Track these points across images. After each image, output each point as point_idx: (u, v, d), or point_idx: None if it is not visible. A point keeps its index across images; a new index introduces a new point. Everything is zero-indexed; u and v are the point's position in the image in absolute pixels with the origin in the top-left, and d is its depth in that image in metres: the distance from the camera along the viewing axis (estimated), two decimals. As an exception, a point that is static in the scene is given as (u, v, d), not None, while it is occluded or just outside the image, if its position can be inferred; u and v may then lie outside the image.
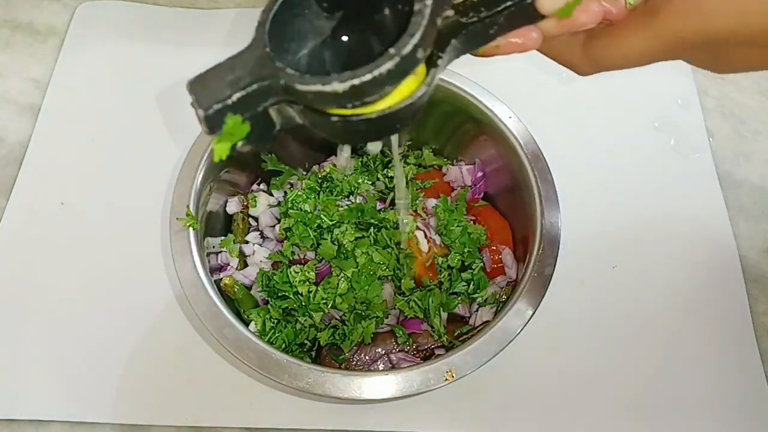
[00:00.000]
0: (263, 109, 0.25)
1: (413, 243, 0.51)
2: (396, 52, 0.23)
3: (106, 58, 0.69)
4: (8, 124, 0.64)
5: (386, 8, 0.26)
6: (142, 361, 0.52)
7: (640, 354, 0.55)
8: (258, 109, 0.25)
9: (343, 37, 0.28)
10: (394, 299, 0.50)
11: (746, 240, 0.61)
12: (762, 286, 0.59)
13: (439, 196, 0.55)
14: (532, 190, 0.49)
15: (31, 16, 0.72)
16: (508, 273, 0.52)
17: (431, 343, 0.49)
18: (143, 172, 0.61)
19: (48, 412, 0.50)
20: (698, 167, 0.65)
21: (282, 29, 0.26)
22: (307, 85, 0.23)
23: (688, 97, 0.70)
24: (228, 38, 0.71)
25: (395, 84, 0.24)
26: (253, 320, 0.48)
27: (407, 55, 0.23)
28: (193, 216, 0.46)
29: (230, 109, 0.24)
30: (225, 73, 0.24)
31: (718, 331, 0.56)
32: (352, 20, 0.27)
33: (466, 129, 0.55)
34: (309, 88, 0.23)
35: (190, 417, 0.50)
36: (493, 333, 0.43)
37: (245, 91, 0.24)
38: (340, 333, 0.48)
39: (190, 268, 0.45)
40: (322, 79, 0.23)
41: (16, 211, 0.59)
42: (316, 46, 0.28)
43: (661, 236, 0.61)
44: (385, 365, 0.48)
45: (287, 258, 0.51)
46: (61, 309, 0.54)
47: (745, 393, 0.54)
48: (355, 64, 0.24)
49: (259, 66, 0.24)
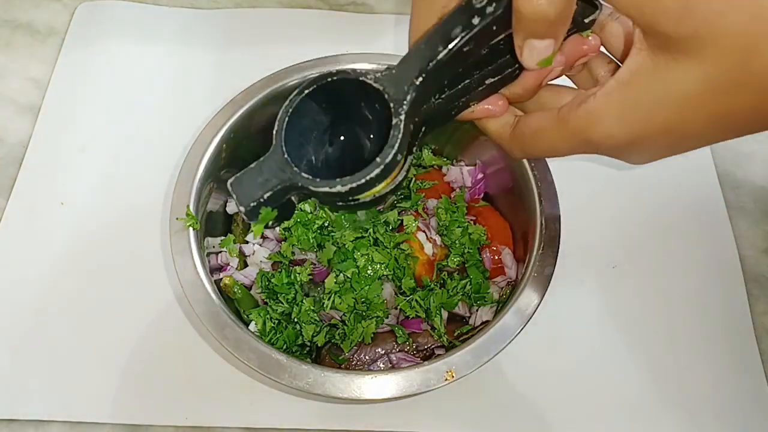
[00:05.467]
0: (287, 200, 0.33)
1: (415, 244, 0.51)
2: (381, 162, 0.30)
3: (106, 58, 0.69)
4: (8, 124, 0.64)
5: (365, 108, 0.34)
6: (142, 361, 0.52)
7: (640, 354, 0.55)
8: (283, 201, 0.33)
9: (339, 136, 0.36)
10: (396, 299, 0.50)
11: (746, 240, 0.61)
12: (762, 286, 0.59)
13: (440, 197, 0.55)
14: (532, 190, 0.49)
15: (31, 16, 0.72)
16: (508, 273, 0.52)
17: (431, 343, 0.49)
18: (143, 172, 0.61)
19: (48, 412, 0.50)
20: (698, 167, 0.65)
21: (292, 128, 0.33)
22: (318, 187, 0.31)
23: (688, 97, 0.69)
24: (228, 38, 0.71)
25: (382, 182, 0.31)
26: (253, 320, 0.48)
27: (389, 162, 0.30)
28: (193, 216, 0.46)
29: (263, 204, 0.32)
30: (256, 175, 0.32)
31: (718, 331, 0.56)
32: (343, 114, 0.35)
33: (466, 129, 0.55)
34: (319, 189, 0.31)
35: (191, 417, 0.50)
36: (493, 333, 0.43)
37: (272, 191, 0.31)
38: (340, 333, 0.48)
39: (190, 268, 0.45)
40: (328, 183, 0.31)
41: (16, 211, 0.59)
42: (318, 134, 0.35)
43: (661, 236, 0.61)
44: (385, 365, 0.48)
45: (287, 258, 0.51)
46: (60, 309, 0.54)
47: (745, 393, 0.54)
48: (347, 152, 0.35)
49: (281, 171, 0.31)
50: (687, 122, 0.28)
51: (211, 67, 0.68)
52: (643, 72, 0.28)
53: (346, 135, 0.36)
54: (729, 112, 0.28)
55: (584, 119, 0.30)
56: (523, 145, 0.35)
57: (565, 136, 0.32)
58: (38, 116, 0.64)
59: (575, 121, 0.31)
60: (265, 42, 0.70)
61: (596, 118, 0.30)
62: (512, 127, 0.36)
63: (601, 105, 0.30)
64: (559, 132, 0.32)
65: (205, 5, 0.73)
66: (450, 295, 0.50)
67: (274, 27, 0.72)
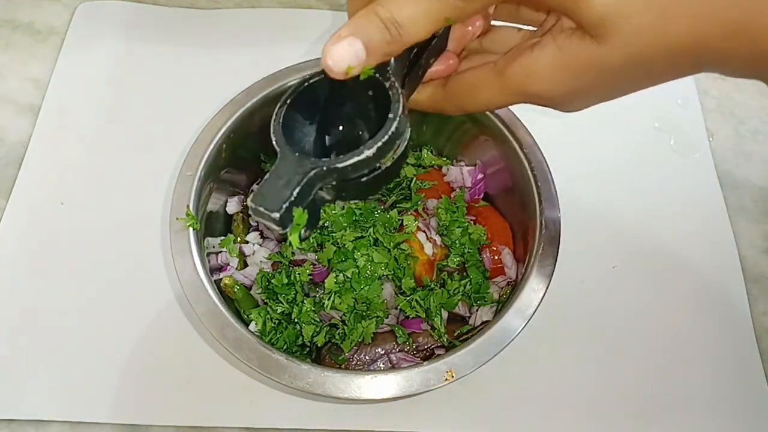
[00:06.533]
0: (312, 197, 0.32)
1: (415, 244, 0.51)
2: (394, 116, 0.31)
3: (106, 58, 0.69)
4: (8, 124, 0.64)
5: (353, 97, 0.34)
6: (142, 361, 0.52)
7: (640, 354, 0.55)
8: (310, 197, 0.32)
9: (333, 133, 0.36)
10: (396, 299, 0.50)
11: (746, 240, 0.61)
12: (762, 286, 0.59)
13: (440, 197, 0.55)
14: (532, 190, 0.49)
15: (31, 16, 0.72)
16: (508, 273, 0.52)
17: (431, 343, 0.49)
18: (143, 172, 0.61)
19: (48, 412, 0.50)
20: (698, 167, 0.65)
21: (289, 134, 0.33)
22: (345, 162, 0.31)
23: (688, 97, 0.70)
24: (228, 38, 0.71)
25: (401, 138, 0.32)
26: (253, 320, 0.48)
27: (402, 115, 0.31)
28: (193, 216, 0.46)
29: (294, 204, 0.31)
30: (276, 181, 0.31)
31: (718, 331, 0.56)
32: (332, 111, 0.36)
33: (465, 129, 0.55)
34: (347, 163, 0.31)
35: (190, 417, 0.50)
36: (493, 333, 0.43)
37: (299, 186, 0.31)
38: (340, 333, 0.48)
39: (190, 268, 0.45)
40: (355, 153, 0.31)
41: (16, 211, 0.59)
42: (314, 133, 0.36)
43: (661, 236, 0.61)
44: (385, 365, 0.48)
45: (287, 259, 0.51)
46: (60, 309, 0.54)
47: (745, 393, 0.54)
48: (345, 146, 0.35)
49: (300, 165, 0.31)
50: (609, 83, 0.33)
51: (211, 67, 0.68)
52: (574, 43, 0.31)
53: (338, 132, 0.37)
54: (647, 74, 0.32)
55: (522, 75, 0.33)
56: (460, 102, 0.37)
57: (503, 89, 0.34)
58: (38, 116, 0.64)
59: (513, 76, 0.33)
60: (265, 42, 0.70)
61: (534, 74, 0.32)
62: (443, 87, 0.37)
63: (538, 63, 0.32)
64: (496, 85, 0.34)
65: (205, 5, 0.73)
66: (450, 295, 0.50)
67: (274, 27, 0.72)
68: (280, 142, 0.32)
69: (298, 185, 0.31)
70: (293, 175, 0.31)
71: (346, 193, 0.34)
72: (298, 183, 0.31)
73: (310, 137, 0.36)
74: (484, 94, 0.35)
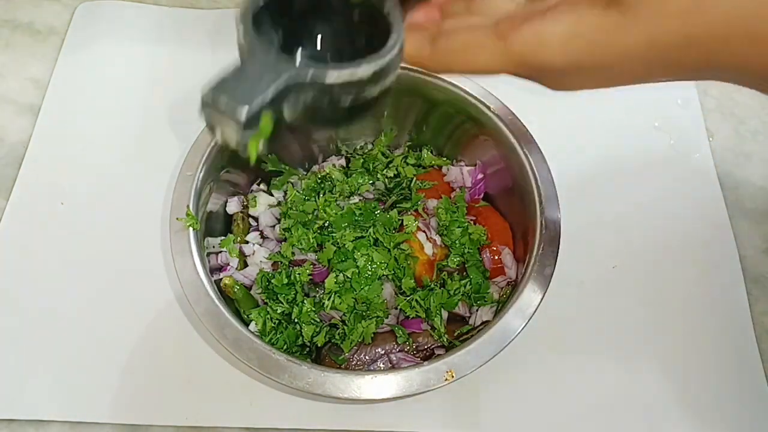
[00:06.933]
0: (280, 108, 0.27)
1: (415, 244, 0.51)
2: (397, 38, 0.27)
3: (106, 58, 0.69)
4: (8, 124, 0.64)
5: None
6: (142, 361, 0.52)
7: (640, 354, 0.55)
8: (279, 107, 0.27)
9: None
10: (396, 299, 0.50)
11: (746, 240, 0.61)
12: (762, 286, 0.59)
13: (440, 197, 0.55)
14: (532, 190, 0.49)
15: (31, 16, 0.72)
16: (508, 273, 0.52)
17: (431, 343, 0.49)
18: (143, 172, 0.61)
19: (48, 412, 0.50)
20: (698, 167, 0.65)
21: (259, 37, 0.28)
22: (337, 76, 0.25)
23: (688, 97, 0.70)
24: (228, 38, 0.70)
25: (397, 66, 0.28)
26: (253, 320, 0.48)
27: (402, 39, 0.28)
28: (193, 216, 0.46)
29: (268, 105, 0.26)
30: (246, 74, 0.26)
31: (718, 331, 0.56)
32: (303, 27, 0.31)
33: (465, 129, 0.55)
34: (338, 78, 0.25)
35: (191, 417, 0.50)
36: (493, 333, 0.43)
37: (277, 88, 0.25)
38: (340, 333, 0.48)
39: (190, 268, 0.45)
40: (351, 65, 0.25)
41: (16, 211, 0.59)
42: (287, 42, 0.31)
43: (661, 236, 0.61)
44: (385, 365, 0.48)
45: (287, 259, 0.51)
46: (60, 309, 0.54)
47: (745, 393, 0.54)
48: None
49: (279, 65, 0.26)
50: (619, 64, 0.29)
51: (211, 67, 0.67)
52: (596, 11, 0.28)
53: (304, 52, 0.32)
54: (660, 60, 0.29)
55: (531, 42, 0.29)
56: (449, 61, 0.33)
57: (504, 55, 0.30)
58: (38, 116, 0.64)
59: (519, 42, 0.30)
60: (265, 42, 0.70)
61: (545, 42, 0.29)
62: (431, 42, 0.33)
63: (552, 29, 0.29)
64: (497, 50, 0.31)
65: (205, 5, 0.73)
66: (450, 295, 0.50)
67: (274, 27, 0.72)
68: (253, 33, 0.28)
69: (274, 86, 0.25)
70: (270, 73, 0.26)
71: (314, 116, 0.29)
72: (275, 84, 0.25)
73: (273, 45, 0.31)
74: (481, 58, 0.32)
